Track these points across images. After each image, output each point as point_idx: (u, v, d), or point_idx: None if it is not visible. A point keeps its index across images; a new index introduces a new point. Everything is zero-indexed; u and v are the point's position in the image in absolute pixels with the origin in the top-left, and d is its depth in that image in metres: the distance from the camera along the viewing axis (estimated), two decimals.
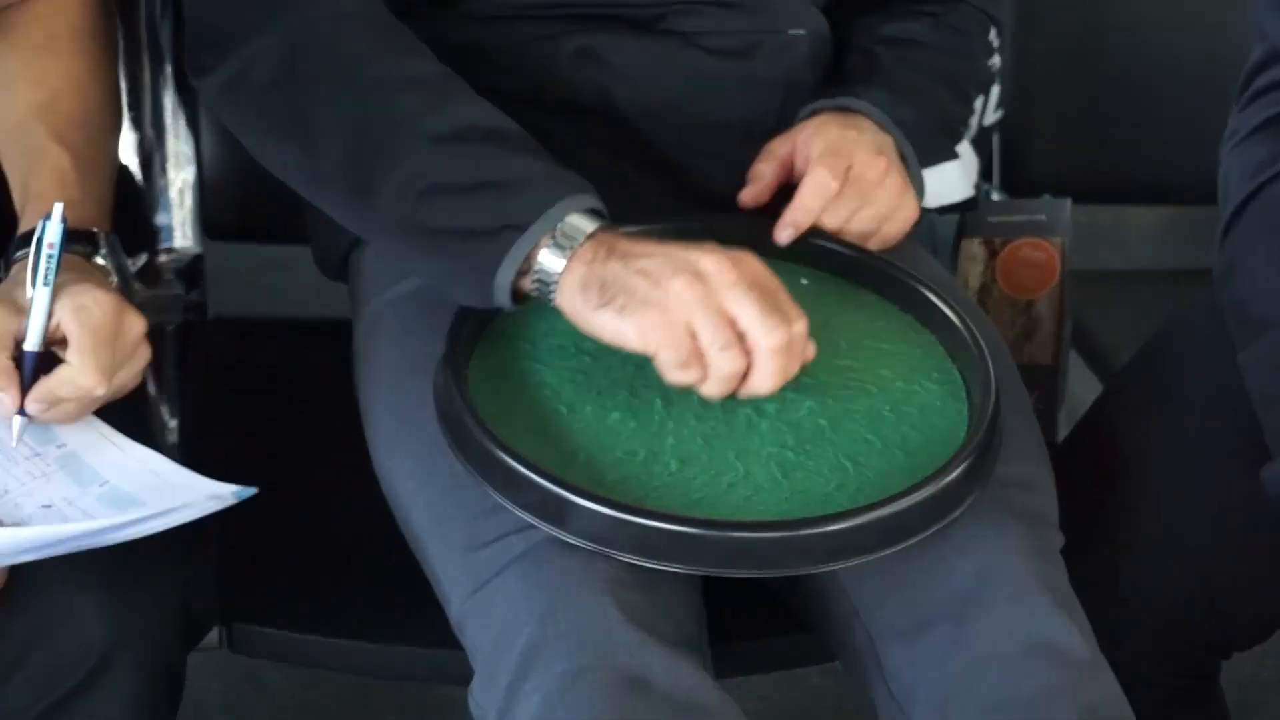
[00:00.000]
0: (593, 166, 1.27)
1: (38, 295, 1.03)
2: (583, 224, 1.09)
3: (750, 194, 1.27)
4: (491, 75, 1.28)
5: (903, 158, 1.30)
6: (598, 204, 1.11)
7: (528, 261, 1.09)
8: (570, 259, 1.08)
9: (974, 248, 1.47)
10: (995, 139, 1.64)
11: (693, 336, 1.04)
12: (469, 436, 1.07)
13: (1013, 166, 1.64)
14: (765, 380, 1.05)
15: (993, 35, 1.45)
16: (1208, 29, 1.55)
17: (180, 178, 1.55)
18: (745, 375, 1.05)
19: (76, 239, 1.09)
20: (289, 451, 1.15)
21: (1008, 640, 1.06)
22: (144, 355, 1.08)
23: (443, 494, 1.13)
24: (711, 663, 1.09)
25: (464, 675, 1.10)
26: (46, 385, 1.03)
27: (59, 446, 1.08)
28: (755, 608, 1.19)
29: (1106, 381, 1.45)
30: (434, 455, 1.12)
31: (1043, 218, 1.47)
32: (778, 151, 1.28)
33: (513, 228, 1.08)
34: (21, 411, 1.04)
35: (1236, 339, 1.18)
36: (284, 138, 1.21)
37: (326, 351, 1.34)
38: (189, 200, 1.56)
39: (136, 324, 1.06)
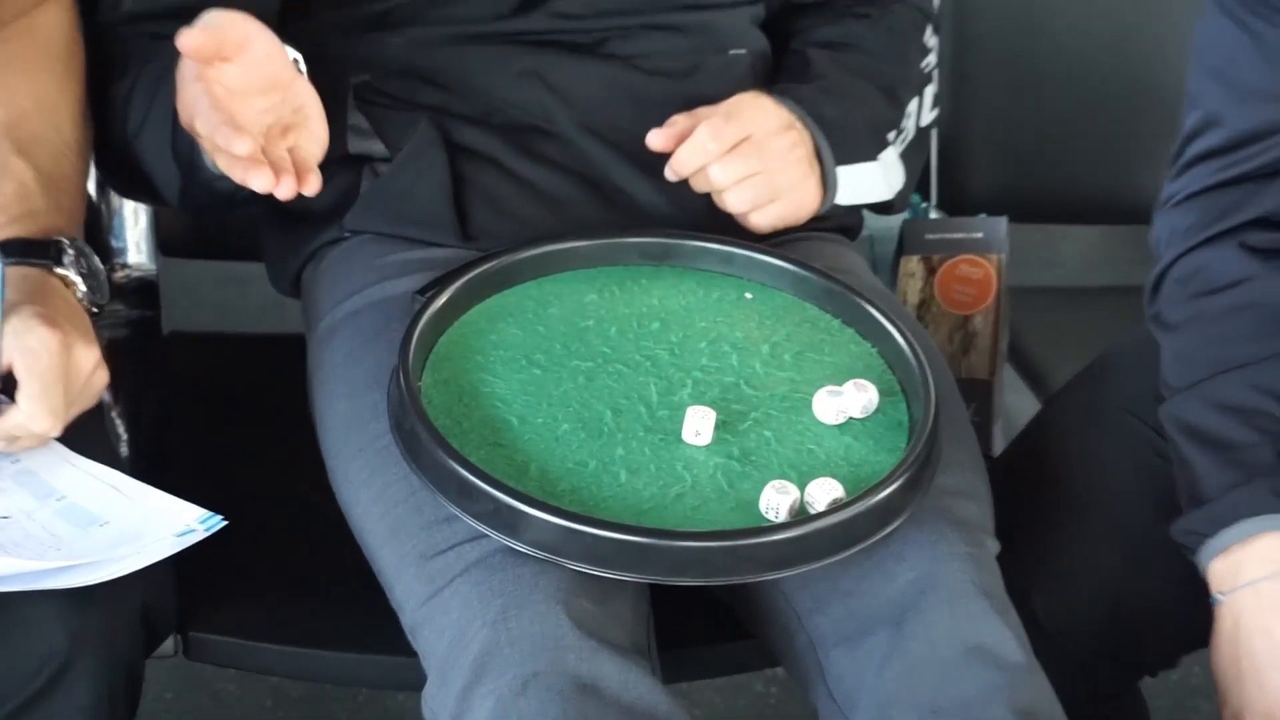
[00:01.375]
0: (529, 183, 1.31)
1: None
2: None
3: (657, 136, 1.25)
4: (440, 96, 1.31)
5: (820, 150, 1.30)
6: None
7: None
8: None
9: (913, 264, 1.48)
10: (933, 159, 1.63)
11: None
12: (422, 447, 1.07)
13: (950, 186, 1.63)
14: None
15: (929, 34, 1.45)
16: (1138, 59, 1.55)
17: None
18: None
19: (36, 251, 1.09)
20: (245, 463, 1.14)
21: (945, 645, 1.07)
22: (99, 382, 1.09)
23: (397, 504, 1.13)
24: (660, 668, 1.09)
25: (417, 681, 1.11)
26: (1, 427, 1.03)
27: (14, 462, 1.08)
28: (702, 615, 1.19)
29: (1044, 398, 1.44)
30: (388, 466, 1.13)
31: (980, 236, 1.48)
32: (698, 112, 1.26)
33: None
34: None
35: (1161, 388, 1.20)
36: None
37: (281, 365, 1.35)
38: (143, 219, 1.55)
39: (86, 358, 1.06)
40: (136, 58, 1.25)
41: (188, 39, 0.97)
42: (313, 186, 1.07)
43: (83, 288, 1.12)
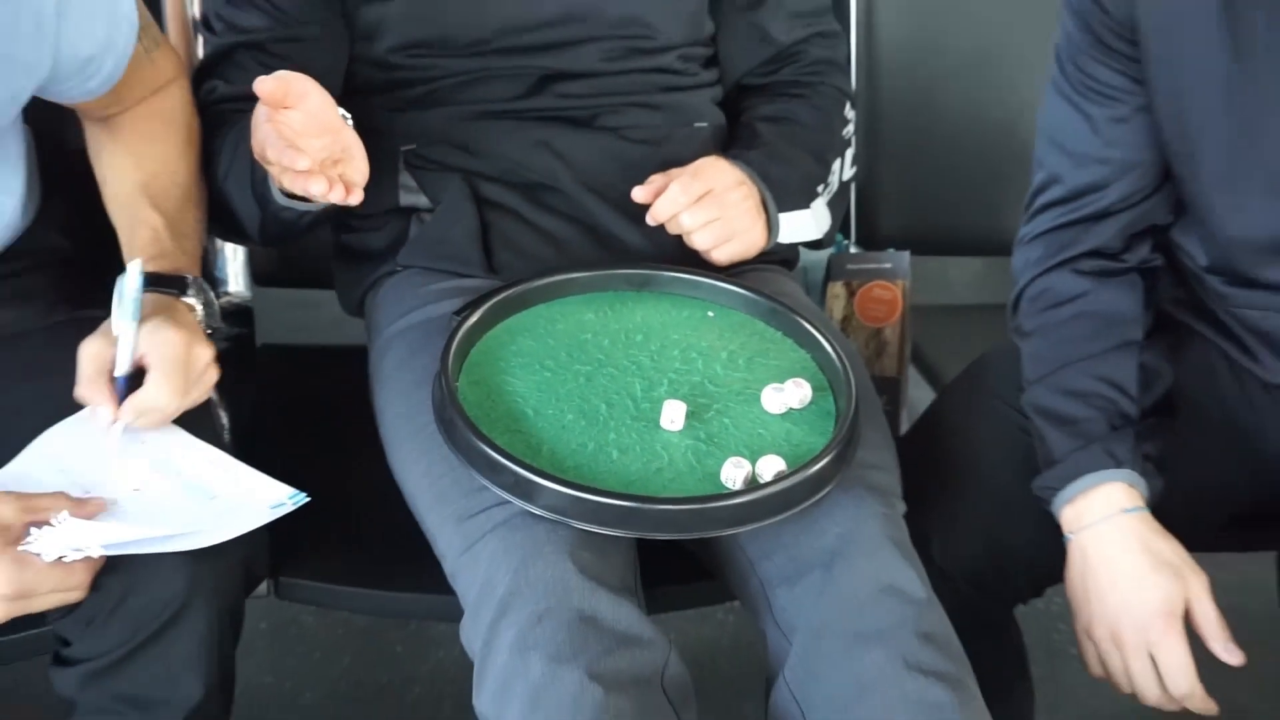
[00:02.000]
0: (540, 226, 1.30)
1: (124, 330, 1.03)
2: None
3: (640, 191, 1.24)
4: (470, 161, 1.30)
5: (766, 200, 1.29)
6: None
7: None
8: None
9: (837, 288, 1.47)
10: (852, 205, 1.62)
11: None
12: (459, 433, 1.07)
13: (865, 226, 1.63)
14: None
15: (847, 109, 1.44)
16: (1004, 130, 1.55)
17: None
18: None
19: (167, 283, 1.10)
20: (321, 446, 1.14)
21: (864, 584, 1.07)
22: (212, 376, 1.09)
23: (440, 477, 1.13)
24: (644, 603, 1.09)
25: (456, 615, 1.10)
26: (134, 401, 1.04)
27: (142, 444, 1.07)
28: (676, 562, 1.19)
29: (938, 390, 1.45)
30: (433, 448, 1.12)
31: (889, 266, 1.47)
32: (671, 172, 1.25)
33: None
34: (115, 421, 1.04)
35: (1022, 381, 1.21)
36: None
37: (350, 370, 1.34)
38: (240, 257, 1.55)
39: (204, 353, 1.07)
40: (223, 126, 1.25)
41: (263, 84, 0.98)
42: (356, 198, 1.08)
43: (201, 313, 1.12)
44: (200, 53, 1.35)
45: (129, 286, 1.04)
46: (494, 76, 1.29)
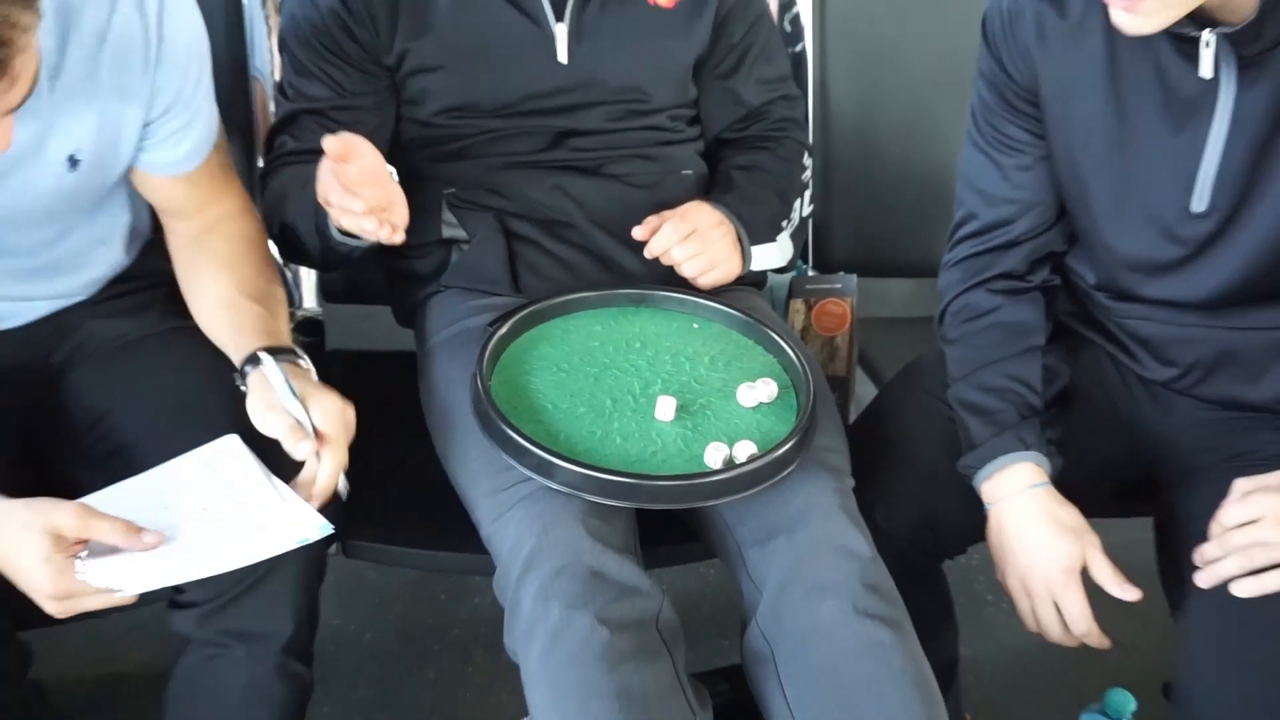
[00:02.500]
0: (557, 255, 1.30)
1: (294, 407, 1.01)
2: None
3: (639, 230, 1.26)
4: (500, 201, 1.30)
5: (740, 235, 1.30)
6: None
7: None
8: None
9: (798, 304, 1.47)
10: (809, 235, 1.61)
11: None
12: (492, 423, 1.07)
13: (820, 254, 1.62)
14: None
15: (805, 157, 1.44)
16: (934, 173, 1.53)
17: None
18: None
19: (286, 353, 1.08)
20: (379, 435, 1.13)
21: (821, 544, 1.07)
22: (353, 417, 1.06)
23: (476, 459, 1.12)
24: (642, 561, 1.09)
25: (488, 570, 1.11)
26: (318, 483, 1.02)
27: (218, 470, 1.04)
28: (668, 527, 1.18)
29: (879, 387, 1.44)
30: (470, 435, 1.12)
31: (839, 285, 1.47)
32: (664, 214, 1.27)
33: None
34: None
35: (947, 379, 1.21)
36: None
37: (402, 372, 1.34)
38: (312, 278, 1.56)
39: (350, 409, 1.05)
40: (288, 174, 1.25)
41: (329, 142, 1.00)
42: (398, 238, 1.09)
43: (312, 368, 1.09)
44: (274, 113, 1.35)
45: (273, 375, 1.02)
46: (518, 134, 1.29)
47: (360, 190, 1.04)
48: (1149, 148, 1.07)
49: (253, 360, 1.05)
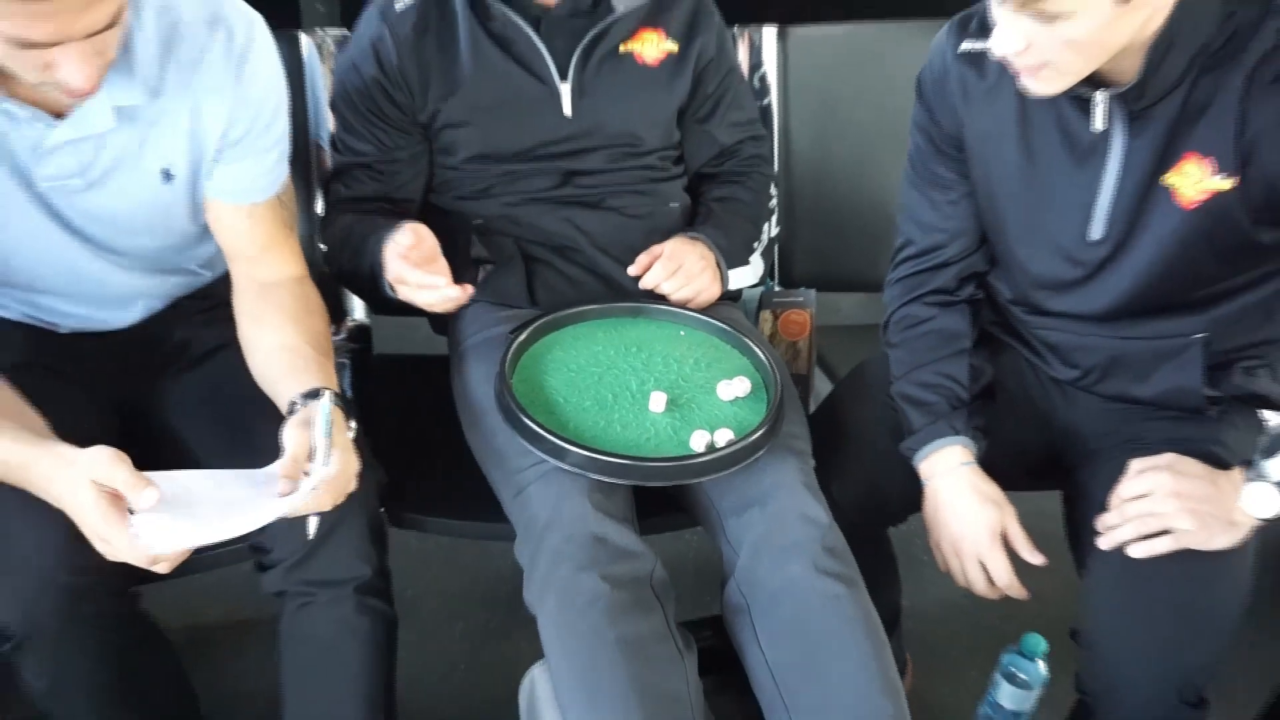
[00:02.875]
0: (567, 275, 1.30)
1: (320, 443, 0.93)
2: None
3: (634, 268, 1.26)
4: (519, 230, 1.29)
5: (719, 262, 1.29)
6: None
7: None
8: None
9: (766, 314, 1.46)
10: (775, 255, 1.59)
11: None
12: (512, 414, 1.08)
13: (784, 271, 1.60)
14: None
15: (772, 188, 1.43)
16: (881, 206, 1.49)
17: None
18: None
19: (341, 398, 1.02)
20: (418, 423, 1.12)
21: (788, 514, 1.07)
22: (355, 469, 0.99)
23: (500, 445, 1.12)
24: (638, 529, 1.09)
25: (509, 537, 1.11)
26: (324, 489, 0.94)
27: (254, 481, 0.96)
28: (660, 500, 1.17)
29: (834, 383, 1.42)
30: (495, 424, 1.12)
31: (801, 299, 1.46)
32: (653, 250, 1.26)
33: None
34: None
35: (891, 377, 1.20)
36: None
37: (437, 371, 1.32)
38: None
39: (354, 463, 0.98)
40: (346, 217, 1.25)
41: (403, 238, 1.09)
42: (467, 291, 1.11)
43: (354, 427, 1.03)
44: (329, 164, 1.34)
45: (322, 413, 0.94)
46: (533, 175, 1.28)
47: (424, 271, 1.08)
48: (1054, 186, 1.07)
49: (312, 394, 0.99)
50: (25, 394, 0.98)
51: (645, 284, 1.25)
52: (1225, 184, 0.97)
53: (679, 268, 1.25)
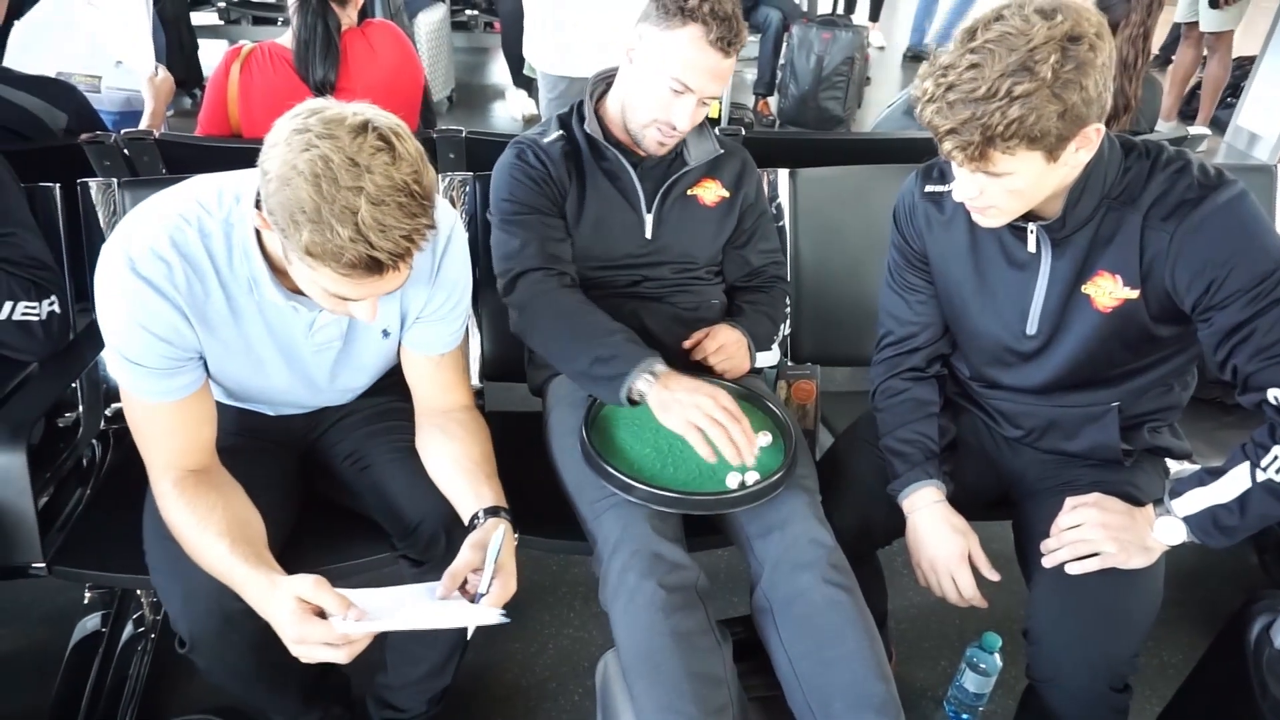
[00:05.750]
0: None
1: (489, 567, 0.91)
2: (656, 367, 1.08)
3: (687, 343, 1.25)
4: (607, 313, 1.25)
5: (750, 345, 1.28)
6: (662, 364, 1.09)
7: (631, 389, 1.08)
8: (652, 385, 1.07)
9: (782, 384, 1.44)
10: (788, 341, 1.57)
11: (693, 424, 1.04)
12: (591, 459, 1.08)
13: (795, 351, 1.58)
14: (721, 441, 1.03)
15: (787, 299, 1.43)
16: (868, 304, 1.35)
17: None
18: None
19: (498, 512, 0.99)
20: (520, 466, 1.08)
21: (801, 537, 1.06)
22: (512, 588, 0.94)
23: (581, 481, 1.12)
24: (686, 546, 1.08)
25: (586, 551, 1.10)
26: (486, 603, 0.90)
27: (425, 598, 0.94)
28: (703, 525, 1.14)
29: (835, 436, 1.39)
30: (578, 466, 1.11)
31: (808, 372, 1.44)
32: (702, 331, 1.26)
33: (624, 375, 1.08)
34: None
35: (879, 433, 1.18)
36: (531, 337, 1.20)
37: (533, 426, 1.30)
38: (475, 363, 1.48)
39: (512, 586, 0.94)
40: (533, 290, 1.18)
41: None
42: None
43: (515, 537, 1.00)
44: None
45: (494, 543, 0.91)
46: (615, 277, 1.29)
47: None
48: (997, 294, 1.07)
49: (493, 511, 0.96)
50: (233, 456, 0.98)
51: (695, 356, 1.24)
52: (1132, 293, 0.99)
53: (721, 345, 1.25)
